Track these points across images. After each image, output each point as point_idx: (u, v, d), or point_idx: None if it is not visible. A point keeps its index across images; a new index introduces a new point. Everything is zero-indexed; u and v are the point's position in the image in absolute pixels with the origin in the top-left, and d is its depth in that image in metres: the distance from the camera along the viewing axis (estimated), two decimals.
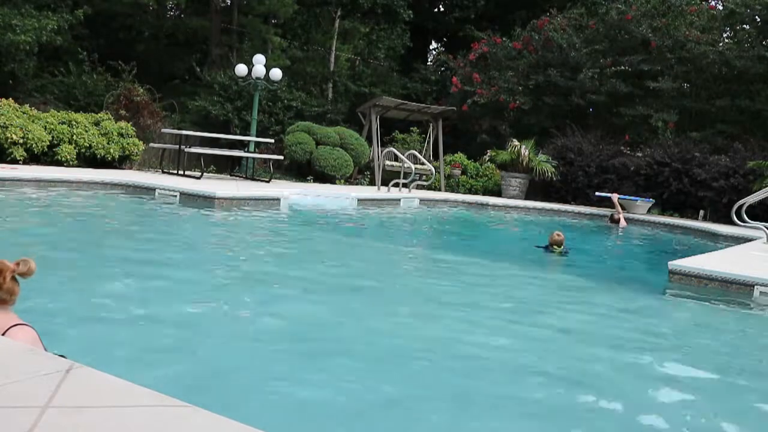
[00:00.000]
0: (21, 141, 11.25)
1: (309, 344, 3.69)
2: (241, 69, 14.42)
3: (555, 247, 8.07)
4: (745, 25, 17.32)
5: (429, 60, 28.07)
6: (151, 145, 13.67)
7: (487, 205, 14.41)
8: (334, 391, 3.01)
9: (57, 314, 3.74)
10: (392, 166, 15.93)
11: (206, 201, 9.34)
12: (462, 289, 5.72)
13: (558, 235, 8.20)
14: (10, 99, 12.44)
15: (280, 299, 4.74)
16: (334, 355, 3.55)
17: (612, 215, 13.52)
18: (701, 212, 14.84)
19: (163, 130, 14.30)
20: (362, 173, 16.85)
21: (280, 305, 4.56)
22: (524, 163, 16.12)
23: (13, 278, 2.50)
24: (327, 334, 3.91)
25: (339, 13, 20.92)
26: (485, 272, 6.81)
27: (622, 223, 13.14)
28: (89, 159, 12.49)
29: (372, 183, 16.10)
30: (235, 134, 15.93)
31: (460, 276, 6.47)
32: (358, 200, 11.85)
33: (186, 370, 3.09)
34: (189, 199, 9.48)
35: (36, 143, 11.43)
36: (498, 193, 16.64)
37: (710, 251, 8.56)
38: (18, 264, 2.50)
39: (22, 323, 2.56)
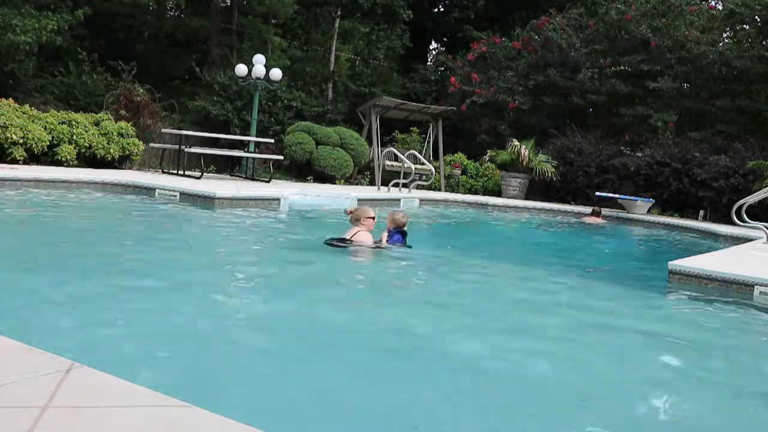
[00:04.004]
0: (21, 141, 11.26)
1: (307, 344, 3.69)
2: (241, 69, 14.43)
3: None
4: (745, 25, 17.33)
5: (429, 60, 28.10)
6: (151, 145, 13.67)
7: (487, 205, 14.41)
8: (332, 393, 3.01)
9: (55, 313, 3.74)
10: (392, 166, 15.93)
11: (206, 201, 9.34)
12: (461, 290, 5.72)
13: (404, 216, 6.75)
14: (10, 99, 12.45)
15: (280, 299, 4.74)
16: (332, 356, 3.55)
17: (593, 211, 13.54)
18: (701, 212, 14.84)
19: (163, 130, 14.30)
20: (362, 173, 16.85)
21: (280, 305, 4.56)
22: (524, 163, 16.12)
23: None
24: (326, 335, 3.91)
25: (339, 13, 20.93)
26: (483, 272, 6.80)
27: (593, 220, 13.22)
28: (89, 159, 12.50)
29: (372, 183, 16.10)
30: (235, 134, 15.94)
31: (459, 276, 6.46)
32: (358, 200, 11.84)
33: (184, 369, 3.09)
34: (189, 199, 9.48)
35: (36, 143, 11.43)
36: (498, 193, 16.64)
37: (710, 251, 8.55)
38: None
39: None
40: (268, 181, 13.37)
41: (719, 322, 5.26)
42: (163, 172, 12.90)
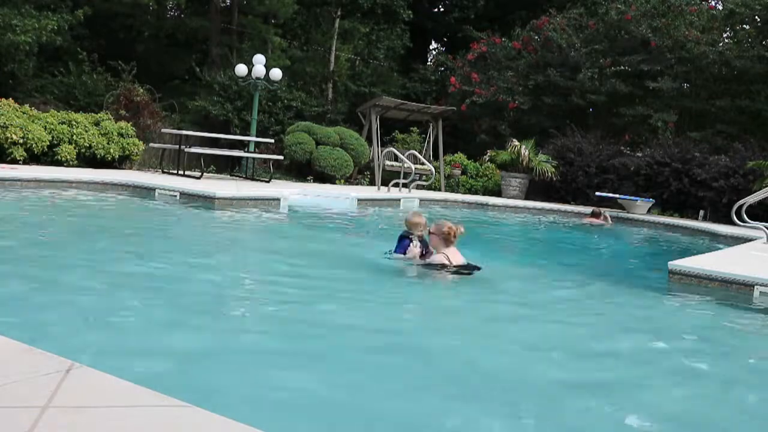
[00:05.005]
0: (21, 141, 11.25)
1: (306, 345, 3.69)
2: (241, 69, 14.43)
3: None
4: (745, 25, 17.34)
5: (429, 60, 28.10)
6: (151, 145, 13.67)
7: (487, 205, 14.41)
8: (331, 395, 3.01)
9: (54, 313, 3.74)
10: (392, 166, 15.93)
11: (206, 201, 9.34)
12: (459, 290, 5.72)
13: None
14: (10, 99, 12.44)
15: (279, 299, 4.74)
16: (333, 357, 3.55)
17: (593, 212, 13.52)
18: (701, 212, 14.84)
19: (163, 130, 14.30)
20: (362, 173, 16.86)
21: (279, 305, 4.55)
22: (524, 163, 16.12)
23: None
24: (325, 336, 3.90)
25: (339, 13, 20.93)
26: (482, 271, 6.80)
27: (593, 220, 13.25)
28: (89, 159, 12.50)
29: (372, 183, 16.10)
30: (235, 134, 15.94)
31: (457, 276, 6.46)
32: (358, 200, 11.84)
33: (184, 369, 3.09)
34: (189, 199, 9.48)
35: (36, 143, 11.43)
36: (498, 193, 16.64)
37: (710, 251, 8.55)
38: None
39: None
40: (268, 181, 13.37)
41: (719, 322, 5.25)
42: (163, 172, 12.89)
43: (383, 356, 3.63)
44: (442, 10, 27.38)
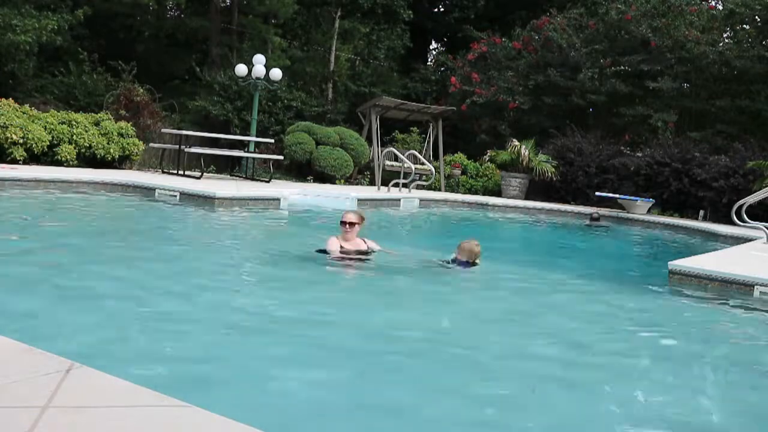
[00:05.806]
0: (21, 141, 11.25)
1: (306, 345, 3.69)
2: (241, 69, 14.43)
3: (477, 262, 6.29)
4: (745, 25, 17.33)
5: (429, 60, 28.09)
6: (151, 145, 13.67)
7: (487, 205, 14.41)
8: (331, 395, 3.01)
9: (53, 313, 3.74)
10: (392, 166, 15.92)
11: (206, 201, 9.34)
12: (459, 290, 5.72)
13: (477, 245, 6.32)
14: (10, 99, 12.43)
15: (279, 299, 4.74)
16: (332, 356, 3.55)
17: (592, 215, 13.52)
18: (701, 212, 14.84)
19: (163, 130, 14.29)
20: (362, 173, 16.85)
21: (279, 305, 4.56)
22: (524, 163, 16.12)
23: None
24: (324, 336, 3.91)
25: (339, 13, 20.92)
26: (483, 272, 6.80)
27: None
28: (89, 159, 12.49)
29: (372, 183, 16.10)
30: (235, 134, 15.93)
31: (458, 276, 6.46)
32: (358, 200, 11.83)
33: (184, 369, 3.09)
34: (189, 199, 9.48)
35: (36, 143, 11.43)
36: (498, 193, 16.63)
37: (710, 251, 8.55)
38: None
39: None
40: (268, 181, 13.37)
41: (719, 322, 5.26)
42: (163, 172, 12.89)
43: (385, 356, 3.62)
44: (442, 10, 27.36)
